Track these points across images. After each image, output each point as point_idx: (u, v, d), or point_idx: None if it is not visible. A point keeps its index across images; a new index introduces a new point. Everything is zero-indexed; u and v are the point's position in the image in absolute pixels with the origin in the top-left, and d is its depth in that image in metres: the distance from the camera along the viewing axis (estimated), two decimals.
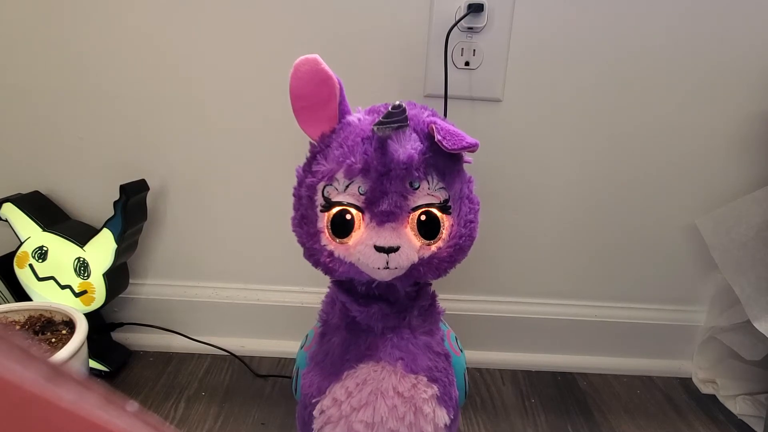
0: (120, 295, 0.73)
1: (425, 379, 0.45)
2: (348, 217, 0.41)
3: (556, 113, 0.71)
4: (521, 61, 0.69)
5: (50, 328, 0.59)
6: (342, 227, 0.41)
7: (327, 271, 0.44)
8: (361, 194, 0.40)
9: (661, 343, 0.79)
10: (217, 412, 0.65)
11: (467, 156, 0.45)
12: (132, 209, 0.67)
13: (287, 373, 0.74)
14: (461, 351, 0.50)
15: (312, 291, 0.77)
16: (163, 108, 0.70)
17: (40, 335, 0.58)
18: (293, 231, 0.44)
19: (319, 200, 0.42)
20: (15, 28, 0.67)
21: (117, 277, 0.70)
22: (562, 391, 0.74)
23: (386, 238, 0.40)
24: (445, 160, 0.41)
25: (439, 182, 0.41)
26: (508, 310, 0.78)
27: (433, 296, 0.49)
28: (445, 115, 0.67)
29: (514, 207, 0.75)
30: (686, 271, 0.78)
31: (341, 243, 0.42)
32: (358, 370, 0.45)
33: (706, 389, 0.76)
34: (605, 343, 0.79)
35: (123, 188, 0.65)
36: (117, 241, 0.65)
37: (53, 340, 0.57)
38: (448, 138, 0.39)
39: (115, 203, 0.65)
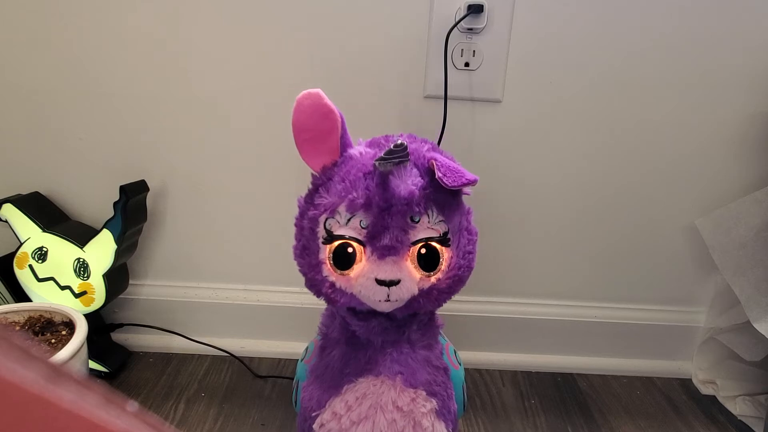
0: (120, 296, 0.73)
1: (424, 393, 0.45)
2: (350, 250, 0.42)
3: (555, 114, 0.71)
4: (521, 61, 0.69)
5: (50, 328, 0.59)
6: (344, 260, 0.42)
7: (329, 301, 0.44)
8: (362, 228, 0.41)
9: (661, 343, 0.79)
10: (216, 412, 0.65)
11: (466, 189, 0.45)
12: (132, 210, 0.67)
13: (287, 373, 0.74)
14: (460, 364, 0.51)
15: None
16: (163, 109, 0.70)
17: (39, 336, 0.58)
18: (295, 260, 0.45)
19: (321, 232, 0.43)
20: (15, 28, 0.67)
21: (117, 278, 0.70)
22: (562, 391, 0.74)
23: (387, 272, 0.40)
24: (444, 195, 0.42)
25: (439, 216, 0.42)
26: (507, 311, 0.78)
27: (433, 311, 0.50)
28: (445, 115, 0.67)
29: (514, 207, 0.75)
30: (686, 272, 0.78)
31: (342, 275, 0.42)
32: (357, 384, 0.45)
33: (705, 390, 0.76)
34: (605, 344, 0.79)
35: (123, 189, 0.65)
36: (117, 241, 0.65)
37: (53, 340, 0.57)
38: (448, 175, 0.40)
39: (115, 204, 0.65)
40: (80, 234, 0.68)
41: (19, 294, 0.69)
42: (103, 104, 0.70)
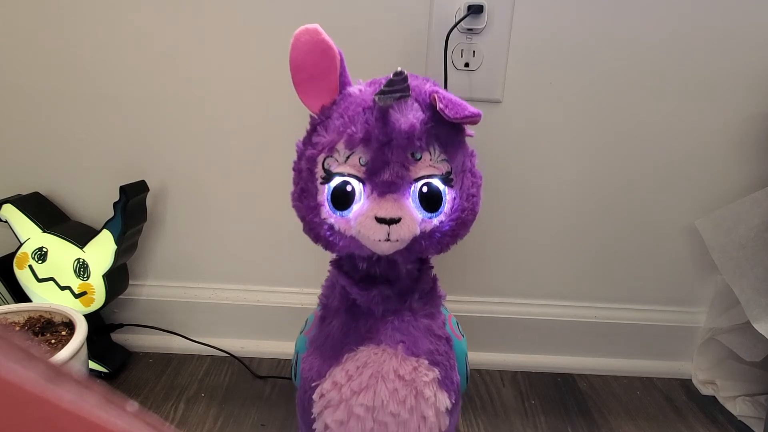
0: (120, 296, 0.73)
1: (426, 362, 0.44)
2: (349, 188, 0.40)
3: (555, 114, 0.71)
4: (521, 62, 0.69)
5: (50, 329, 0.59)
6: (343, 199, 0.41)
7: (327, 245, 0.43)
8: (362, 165, 0.40)
9: (661, 344, 0.79)
10: (216, 413, 0.65)
11: (469, 130, 0.44)
12: (132, 210, 0.67)
13: (287, 374, 0.74)
14: (462, 336, 0.50)
15: (311, 292, 0.77)
16: (163, 109, 0.70)
17: (39, 336, 0.58)
18: (293, 206, 0.44)
19: (320, 172, 0.41)
20: (15, 29, 0.67)
21: (117, 278, 0.70)
22: (562, 392, 0.74)
23: (387, 210, 0.39)
24: (447, 132, 0.41)
25: (442, 154, 0.41)
26: (507, 311, 0.78)
27: (435, 280, 0.49)
28: None
29: (514, 208, 0.75)
30: (686, 273, 0.78)
31: (342, 216, 0.41)
32: (358, 353, 0.44)
33: (705, 390, 0.76)
34: (605, 345, 0.79)
35: (123, 189, 0.65)
36: (117, 242, 0.65)
37: (53, 341, 0.57)
38: (450, 107, 0.38)
39: (115, 204, 0.65)
40: (80, 234, 0.68)
41: (19, 294, 0.69)
42: (102, 104, 0.70)
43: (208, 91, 0.70)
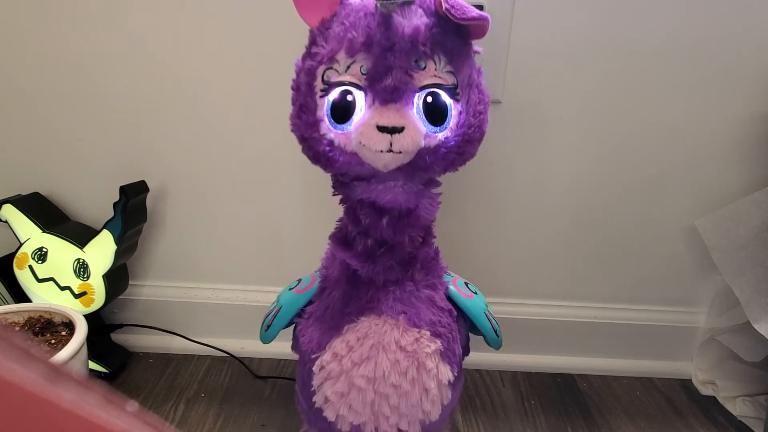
0: (119, 297, 0.73)
1: (428, 333, 0.43)
2: (349, 98, 0.38)
3: (555, 115, 0.71)
4: (521, 62, 0.69)
5: (50, 329, 0.59)
6: (343, 111, 0.39)
7: (326, 161, 0.41)
8: (363, 74, 0.38)
9: (660, 344, 0.79)
10: (216, 413, 0.65)
11: (476, 46, 0.42)
12: (132, 211, 0.67)
13: (287, 374, 0.74)
14: (475, 293, 0.48)
15: None
16: (163, 109, 0.70)
17: (39, 336, 0.58)
18: (291, 125, 0.42)
19: (319, 85, 0.40)
20: (15, 29, 0.67)
21: (117, 279, 0.70)
22: (562, 392, 0.74)
23: (390, 118, 0.37)
24: (453, 41, 0.39)
25: (447, 65, 0.39)
26: (507, 312, 0.78)
27: (437, 251, 0.48)
28: None
29: (513, 208, 0.75)
30: (686, 273, 0.78)
31: (342, 131, 0.39)
32: (359, 324, 0.43)
33: (705, 391, 0.76)
34: (605, 345, 0.79)
35: (123, 189, 0.65)
36: (117, 242, 0.65)
37: (53, 341, 0.57)
38: (456, 7, 0.37)
39: (115, 204, 0.65)
40: (80, 234, 0.68)
41: (19, 294, 0.69)
42: (102, 104, 0.70)
43: (208, 92, 0.70)
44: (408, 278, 0.44)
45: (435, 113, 0.39)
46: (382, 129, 0.37)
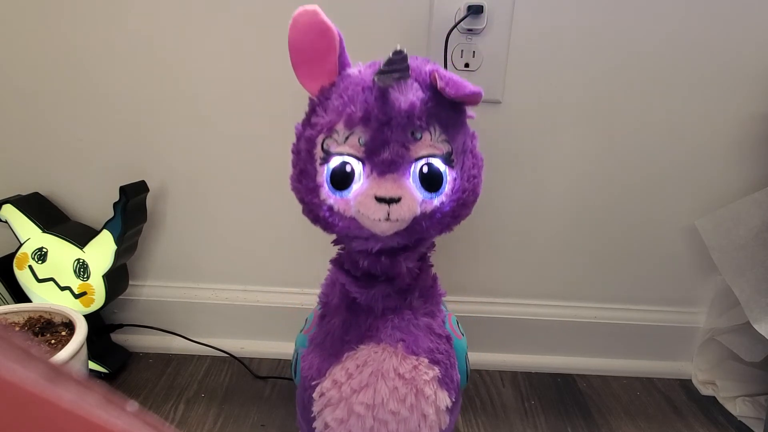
0: (119, 297, 0.73)
1: (426, 360, 0.44)
2: (348, 168, 0.40)
3: (555, 115, 0.71)
4: (521, 62, 0.69)
5: (50, 329, 0.59)
6: (342, 179, 0.40)
7: (326, 226, 0.42)
8: (361, 145, 0.39)
9: (660, 344, 0.79)
10: (216, 413, 0.65)
11: (470, 111, 0.43)
12: (132, 211, 0.67)
13: (287, 374, 0.74)
14: (462, 335, 0.50)
15: (311, 293, 0.77)
16: (163, 109, 0.70)
17: (39, 337, 0.58)
18: (292, 187, 0.43)
19: (318, 153, 0.41)
20: (15, 29, 0.67)
21: (116, 279, 0.70)
22: (562, 392, 0.74)
23: (387, 189, 0.38)
24: (447, 112, 0.40)
25: (442, 134, 0.40)
26: (507, 312, 0.78)
27: (435, 278, 0.49)
28: None
29: (513, 208, 0.75)
30: (686, 273, 0.78)
31: (341, 197, 0.41)
32: (358, 352, 0.44)
33: (705, 391, 0.76)
34: (605, 345, 0.79)
35: (123, 190, 0.65)
36: (117, 242, 0.65)
37: (53, 341, 0.57)
38: (451, 85, 0.38)
39: (115, 204, 0.65)
40: (80, 234, 0.68)
41: (19, 294, 0.69)
42: (102, 105, 0.70)
43: (209, 92, 0.70)
44: (406, 306, 0.45)
45: (431, 181, 0.40)
46: (380, 199, 0.38)
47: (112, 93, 0.70)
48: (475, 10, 0.64)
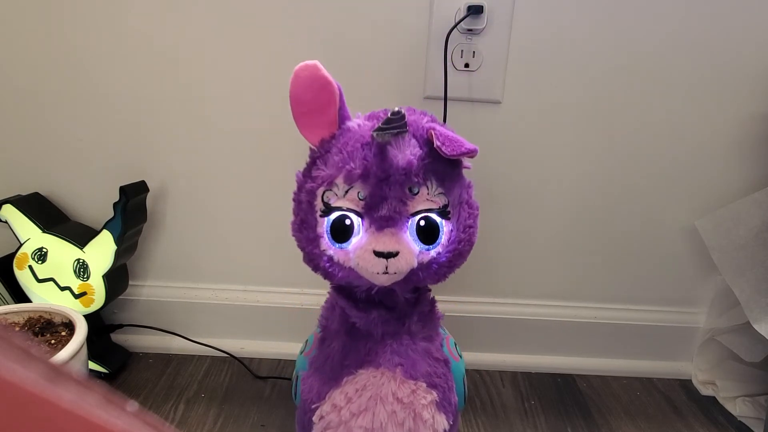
0: (119, 297, 0.73)
1: (424, 384, 0.45)
2: (347, 222, 0.41)
3: (555, 115, 0.71)
4: (521, 62, 0.69)
5: (50, 329, 0.59)
6: (341, 232, 0.42)
7: (326, 275, 0.44)
8: (360, 200, 0.41)
9: (660, 344, 0.79)
10: (216, 413, 0.65)
11: (466, 161, 0.45)
12: (132, 211, 0.67)
13: (287, 374, 0.74)
14: (460, 357, 0.50)
15: (311, 293, 0.77)
16: (163, 110, 0.70)
17: (39, 337, 0.58)
18: (293, 235, 0.45)
19: (319, 205, 0.42)
20: (15, 29, 0.67)
21: (116, 279, 0.70)
22: (562, 392, 0.74)
23: (385, 244, 0.40)
24: (444, 166, 0.42)
25: (439, 188, 0.42)
26: (507, 312, 0.78)
27: (433, 302, 0.50)
28: (445, 116, 0.67)
29: (513, 208, 0.75)
30: (686, 273, 0.78)
31: (340, 248, 0.42)
32: (357, 376, 0.45)
33: (705, 391, 0.76)
34: (605, 345, 0.79)
35: (123, 190, 0.65)
36: (117, 242, 0.65)
37: (53, 341, 0.57)
38: (447, 144, 0.39)
39: (115, 205, 0.65)
40: (80, 235, 0.68)
41: (19, 295, 0.69)
42: (102, 105, 0.70)
43: (208, 92, 0.70)
44: (405, 331, 0.46)
45: (427, 234, 0.42)
46: (378, 254, 0.40)
47: (112, 93, 0.70)
48: (475, 10, 0.65)
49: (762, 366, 0.72)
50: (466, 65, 0.68)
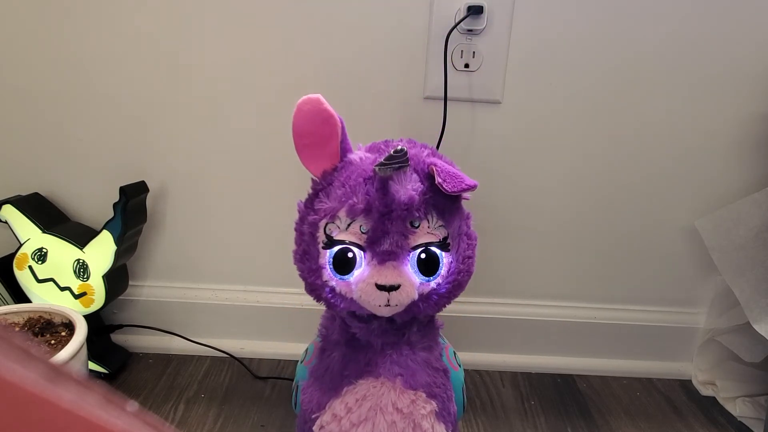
0: (119, 297, 0.73)
1: (424, 395, 0.45)
2: (350, 255, 0.42)
3: (555, 115, 0.71)
4: (521, 63, 0.69)
5: (49, 329, 0.59)
6: (344, 264, 0.42)
7: (329, 306, 0.44)
8: (362, 233, 0.41)
9: (660, 345, 0.79)
10: (216, 413, 0.65)
11: (466, 194, 0.45)
12: (132, 211, 0.67)
13: (287, 375, 0.74)
14: (459, 366, 0.51)
15: None
16: (163, 110, 0.70)
17: (39, 337, 0.58)
18: (295, 264, 0.45)
19: (321, 237, 0.43)
20: (15, 28, 0.67)
21: (116, 279, 0.70)
22: (562, 393, 0.74)
23: (387, 277, 0.40)
24: (444, 200, 0.42)
25: (439, 220, 0.42)
26: (507, 312, 0.78)
27: None
28: (445, 116, 0.67)
29: (513, 208, 0.75)
30: (686, 273, 0.78)
31: (342, 280, 0.42)
32: (357, 386, 0.45)
33: (705, 391, 0.76)
34: (605, 345, 0.79)
35: (123, 190, 0.65)
36: (117, 242, 0.65)
37: (52, 341, 0.57)
38: (448, 180, 0.40)
39: (115, 205, 0.65)
40: (80, 235, 0.68)
41: (19, 295, 0.69)
42: (103, 105, 0.70)
43: (208, 92, 0.70)
44: (404, 341, 0.46)
45: (428, 266, 0.43)
46: (380, 287, 0.41)
47: (112, 93, 0.70)
48: (475, 11, 0.65)
49: (762, 366, 0.72)
50: (466, 65, 0.68)
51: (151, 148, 0.72)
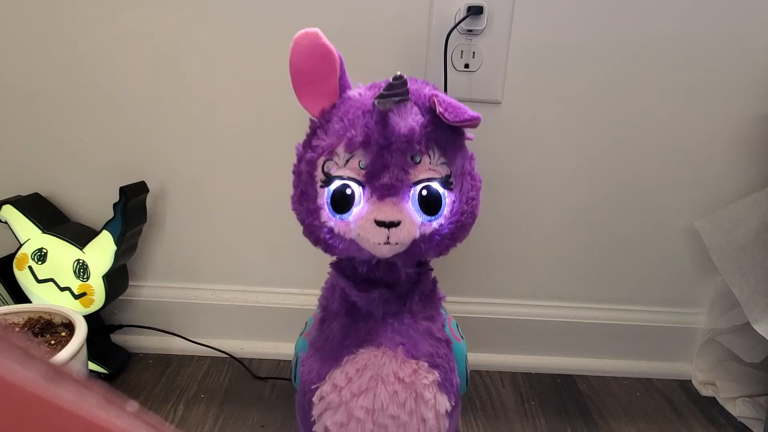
0: (119, 297, 0.73)
1: (426, 364, 0.44)
2: (348, 191, 0.41)
3: (555, 115, 0.71)
4: (521, 63, 0.69)
5: (49, 330, 0.59)
6: (342, 202, 0.41)
7: (327, 248, 0.43)
8: (361, 168, 0.40)
9: (660, 345, 0.79)
10: (216, 414, 0.65)
11: (469, 133, 0.44)
12: (132, 211, 0.67)
13: (287, 375, 0.74)
14: (462, 338, 0.50)
15: (311, 293, 0.77)
16: (163, 110, 0.70)
17: (39, 337, 0.57)
18: (293, 209, 0.44)
19: (319, 176, 0.41)
20: (15, 28, 0.67)
21: (116, 279, 0.70)
22: (562, 393, 0.74)
23: (387, 213, 0.39)
24: (446, 135, 0.41)
25: (441, 157, 0.41)
26: (507, 312, 0.78)
27: (434, 282, 0.49)
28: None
29: (513, 209, 0.75)
30: (686, 274, 0.78)
31: (341, 219, 0.41)
32: (358, 356, 0.44)
33: (705, 391, 0.76)
34: (605, 346, 0.79)
35: (123, 190, 0.65)
36: (116, 243, 0.65)
37: (52, 342, 0.57)
38: (450, 110, 0.39)
39: (115, 205, 0.65)
40: (80, 235, 0.68)
41: (19, 295, 0.69)
42: (102, 105, 0.70)
43: (209, 92, 0.70)
44: (406, 310, 0.45)
45: (429, 204, 0.41)
46: (380, 223, 0.39)
47: (112, 93, 0.70)
48: (475, 11, 0.65)
49: (762, 366, 0.72)
50: (466, 66, 0.68)
51: (151, 148, 0.72)
